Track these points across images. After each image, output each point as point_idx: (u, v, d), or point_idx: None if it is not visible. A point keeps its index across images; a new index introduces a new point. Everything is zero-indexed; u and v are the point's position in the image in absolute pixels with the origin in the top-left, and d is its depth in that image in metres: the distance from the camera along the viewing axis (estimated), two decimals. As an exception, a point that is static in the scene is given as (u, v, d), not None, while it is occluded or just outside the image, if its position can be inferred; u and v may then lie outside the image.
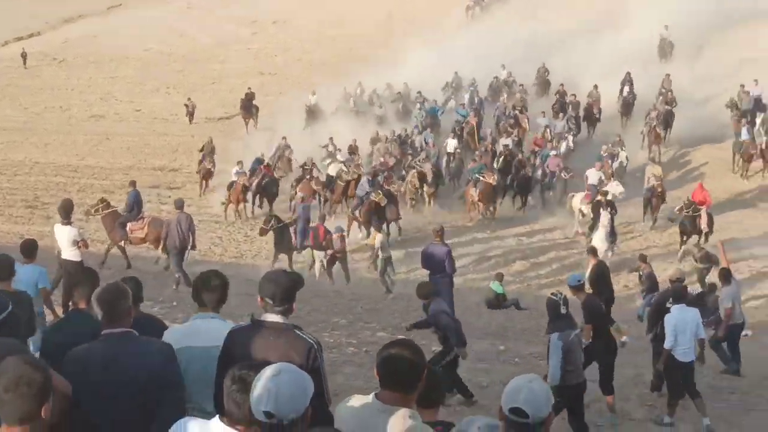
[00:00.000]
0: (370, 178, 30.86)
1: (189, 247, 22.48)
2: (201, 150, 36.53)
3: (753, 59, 42.25)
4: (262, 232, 27.47)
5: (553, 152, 34.57)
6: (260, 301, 5.87)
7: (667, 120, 37.50)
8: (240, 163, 33.59)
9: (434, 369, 6.34)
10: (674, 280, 15.17)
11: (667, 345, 13.32)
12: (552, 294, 11.63)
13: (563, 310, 11.34)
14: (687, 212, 28.34)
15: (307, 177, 32.55)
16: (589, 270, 19.17)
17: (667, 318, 13.58)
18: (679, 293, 14.19)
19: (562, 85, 41.67)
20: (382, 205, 29.52)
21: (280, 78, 52.01)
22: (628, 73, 41.04)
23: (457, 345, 13.17)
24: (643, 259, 23.67)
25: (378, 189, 29.94)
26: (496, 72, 44.65)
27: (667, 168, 34.88)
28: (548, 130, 37.41)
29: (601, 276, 18.87)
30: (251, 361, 4.86)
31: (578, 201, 31.17)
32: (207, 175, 35.65)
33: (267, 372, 4.15)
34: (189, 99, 46.07)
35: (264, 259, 27.83)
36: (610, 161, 33.38)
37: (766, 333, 22.34)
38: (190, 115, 45.57)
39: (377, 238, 25.76)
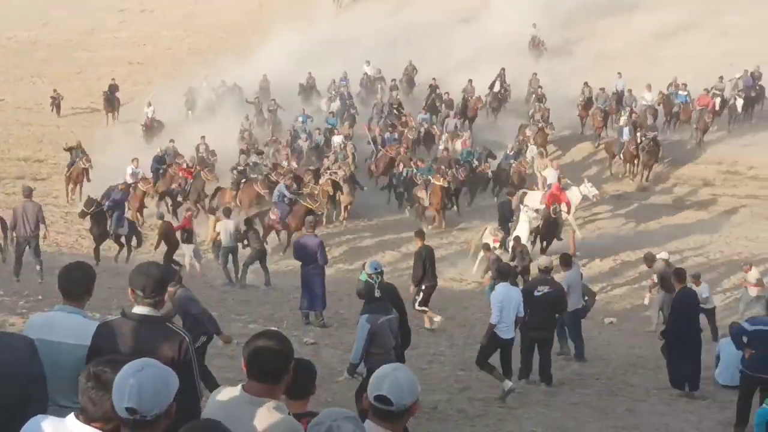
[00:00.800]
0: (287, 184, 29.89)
1: (37, 237, 21.51)
2: (69, 149, 34.15)
3: (614, 52, 43.62)
4: (82, 215, 27.32)
5: (441, 147, 34.72)
6: (131, 293, 5.77)
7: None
8: (135, 160, 31.91)
9: (303, 359, 6.37)
10: (542, 269, 15.54)
11: (492, 320, 14.00)
12: (369, 276, 11.83)
13: (377, 294, 11.46)
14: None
15: (244, 180, 31.71)
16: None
17: (493, 295, 14.44)
18: (505, 272, 14.86)
19: (434, 79, 41.51)
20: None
21: (148, 68, 51.06)
22: (503, 69, 41.34)
23: (216, 332, 13.13)
24: (487, 247, 25.30)
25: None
26: (363, 65, 44.19)
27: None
28: (434, 127, 37.87)
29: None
30: (109, 357, 4.78)
31: (534, 199, 30.19)
32: (79, 176, 33.46)
33: (130, 368, 4.08)
34: (55, 91, 44.56)
35: (135, 252, 27.38)
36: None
37: (629, 320, 23.09)
38: (57, 107, 44.02)
39: (224, 225, 25.11)
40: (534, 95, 39.89)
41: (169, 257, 24.74)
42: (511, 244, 25.68)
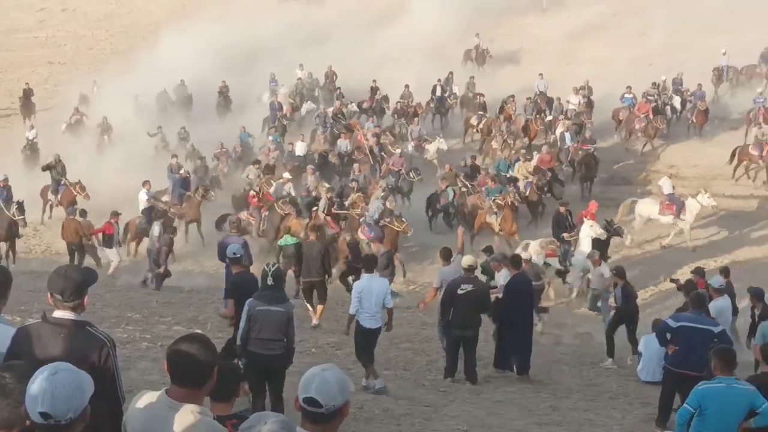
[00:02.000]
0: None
1: None
2: (47, 167, 31.26)
3: (530, 53, 44.08)
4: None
5: (398, 150, 34.18)
6: (50, 297, 5.68)
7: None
8: (147, 183, 29.31)
9: (228, 362, 6.33)
10: (466, 268, 15.59)
11: (351, 310, 14.37)
12: (266, 264, 11.98)
13: (270, 281, 11.64)
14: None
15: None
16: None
17: (355, 285, 14.90)
18: (369, 263, 14.97)
19: (374, 81, 40.88)
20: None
21: (70, 67, 50.23)
22: (451, 73, 41.02)
23: None
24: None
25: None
26: (286, 64, 43.21)
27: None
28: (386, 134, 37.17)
29: None
30: (8, 363, 4.67)
31: (649, 208, 29.48)
32: (71, 203, 29.53)
33: (43, 372, 4.01)
34: None
35: (54, 254, 26.96)
36: None
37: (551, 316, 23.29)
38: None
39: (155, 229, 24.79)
40: (477, 102, 39.46)
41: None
42: (575, 258, 24.76)
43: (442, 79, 40.79)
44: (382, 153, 34.52)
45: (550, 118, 37.29)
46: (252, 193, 29.24)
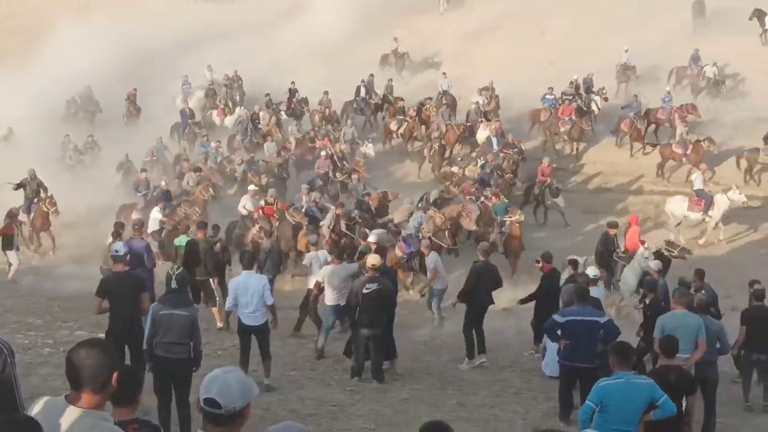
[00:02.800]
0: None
1: None
2: (19, 186, 28.62)
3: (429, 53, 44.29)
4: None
5: (323, 152, 33.74)
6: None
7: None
8: (160, 203, 27.53)
9: (129, 366, 6.27)
10: (371, 267, 15.58)
11: (227, 306, 14.91)
12: (170, 267, 12.06)
13: (173, 285, 11.77)
14: None
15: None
16: None
17: (231, 281, 15.35)
18: (247, 260, 15.18)
19: (293, 82, 40.41)
20: None
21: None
22: (372, 76, 40.72)
23: None
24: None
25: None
26: (195, 64, 42.58)
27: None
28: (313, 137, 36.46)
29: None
30: None
31: (680, 206, 29.42)
32: (44, 223, 28.23)
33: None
34: None
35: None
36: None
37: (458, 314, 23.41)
38: None
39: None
40: (399, 106, 39.12)
41: None
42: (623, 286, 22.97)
43: (365, 80, 40.51)
44: (344, 161, 33.70)
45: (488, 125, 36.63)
46: (261, 203, 27.19)
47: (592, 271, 17.75)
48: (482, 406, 14.48)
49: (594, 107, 37.22)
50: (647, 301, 16.78)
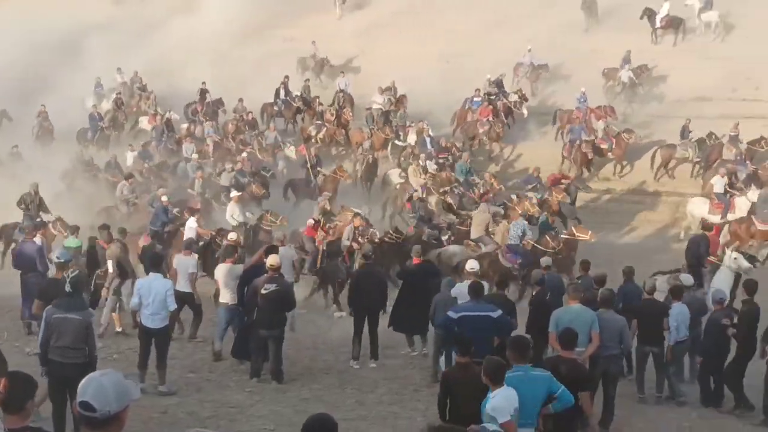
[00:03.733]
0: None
1: None
2: (22, 202, 25.95)
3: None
4: None
5: (244, 154, 33.36)
6: None
7: None
8: (196, 211, 26.06)
9: (18, 372, 6.13)
10: (271, 268, 15.48)
11: (130, 305, 15.21)
12: (65, 271, 12.33)
13: (68, 288, 11.65)
14: None
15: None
16: None
17: (136, 282, 15.56)
18: (153, 261, 15.42)
19: (204, 83, 39.84)
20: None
21: None
22: (287, 78, 40.17)
23: None
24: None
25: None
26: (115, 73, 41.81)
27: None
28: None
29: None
30: None
31: (700, 208, 29.14)
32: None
33: None
34: None
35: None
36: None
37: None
38: None
39: None
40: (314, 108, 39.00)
41: None
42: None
43: (288, 80, 40.08)
44: (318, 168, 33.11)
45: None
46: (311, 222, 25.30)
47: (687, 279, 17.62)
48: (380, 404, 14.53)
49: (524, 109, 37.51)
50: (534, 293, 16.98)
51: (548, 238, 24.64)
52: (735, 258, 21.19)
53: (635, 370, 15.99)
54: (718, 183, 29.52)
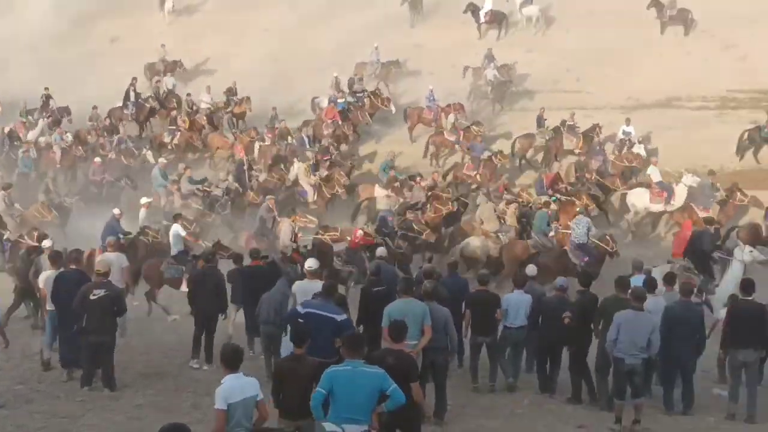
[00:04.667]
0: None
1: None
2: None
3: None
4: None
5: (97, 159, 32.87)
6: None
7: None
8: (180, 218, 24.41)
9: None
10: (97, 272, 15.16)
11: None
12: None
13: None
14: None
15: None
16: None
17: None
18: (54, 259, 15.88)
19: (46, 88, 38.49)
20: None
21: None
22: (134, 79, 39.08)
23: None
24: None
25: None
26: None
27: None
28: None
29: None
30: None
31: (641, 198, 29.28)
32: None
33: None
34: None
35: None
36: None
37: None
38: None
39: None
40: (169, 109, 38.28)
41: None
42: (721, 288, 20.50)
43: (136, 82, 39.08)
44: (252, 170, 32.64)
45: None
46: (360, 232, 25.20)
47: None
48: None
49: (392, 106, 37.35)
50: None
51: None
52: (750, 251, 21.11)
53: (469, 360, 16.27)
54: (654, 172, 30.14)
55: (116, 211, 25.84)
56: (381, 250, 20.28)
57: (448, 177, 32.24)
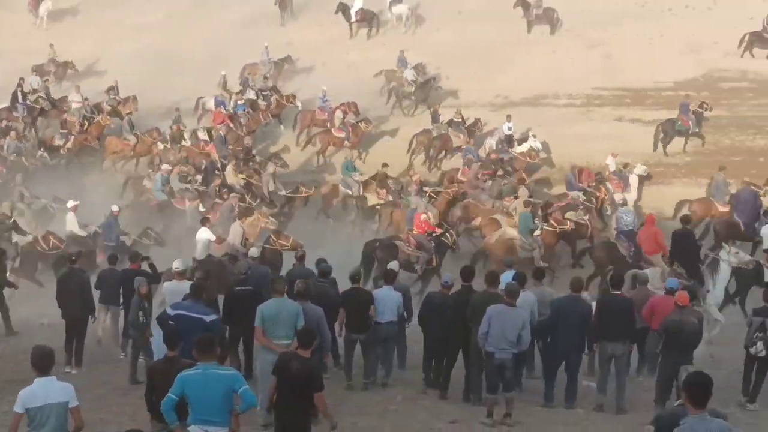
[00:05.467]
0: None
1: None
2: None
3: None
4: None
5: None
6: None
7: None
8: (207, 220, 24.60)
9: None
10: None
11: None
12: None
13: None
14: None
15: None
16: None
17: None
18: None
19: None
20: None
21: None
22: (22, 79, 37.58)
23: None
24: None
25: None
26: None
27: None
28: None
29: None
30: None
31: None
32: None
33: None
34: None
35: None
36: None
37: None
38: None
39: None
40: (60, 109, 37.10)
41: None
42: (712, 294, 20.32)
43: (24, 82, 37.43)
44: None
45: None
46: (423, 217, 25.25)
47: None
48: (89, 411, 14.02)
49: (298, 102, 37.14)
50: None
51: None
52: (736, 253, 21.25)
53: (344, 358, 16.28)
54: (611, 162, 30.84)
55: (114, 208, 25.79)
56: (254, 251, 20.11)
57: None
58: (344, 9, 42.91)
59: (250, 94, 37.56)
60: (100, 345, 19.10)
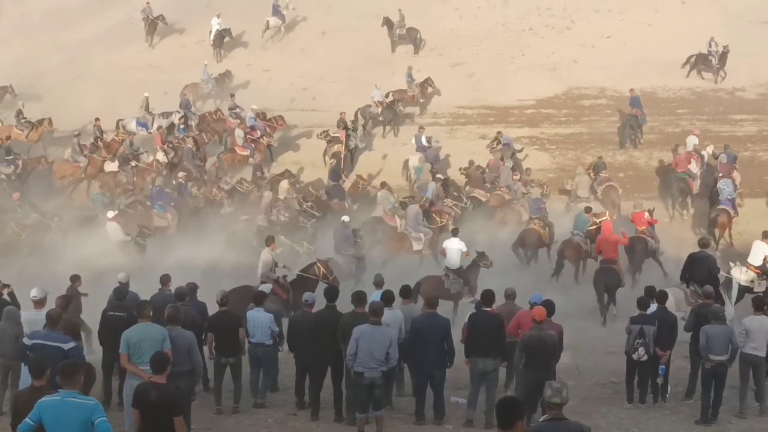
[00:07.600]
0: None
1: None
2: None
3: None
4: None
5: None
6: None
7: None
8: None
9: None
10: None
11: None
12: None
13: None
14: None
15: None
16: None
17: None
18: None
19: None
20: None
21: None
22: None
23: None
24: None
25: None
26: None
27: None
28: None
29: None
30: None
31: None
32: None
33: None
34: None
35: None
36: None
37: None
38: None
39: None
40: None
41: None
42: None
43: None
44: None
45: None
46: (647, 215, 26.56)
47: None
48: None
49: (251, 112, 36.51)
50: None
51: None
52: (747, 271, 21.39)
53: (214, 381, 16.09)
54: (693, 140, 32.48)
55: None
56: (123, 276, 19.31)
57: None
58: (210, 32, 42.99)
59: (190, 116, 36.96)
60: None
